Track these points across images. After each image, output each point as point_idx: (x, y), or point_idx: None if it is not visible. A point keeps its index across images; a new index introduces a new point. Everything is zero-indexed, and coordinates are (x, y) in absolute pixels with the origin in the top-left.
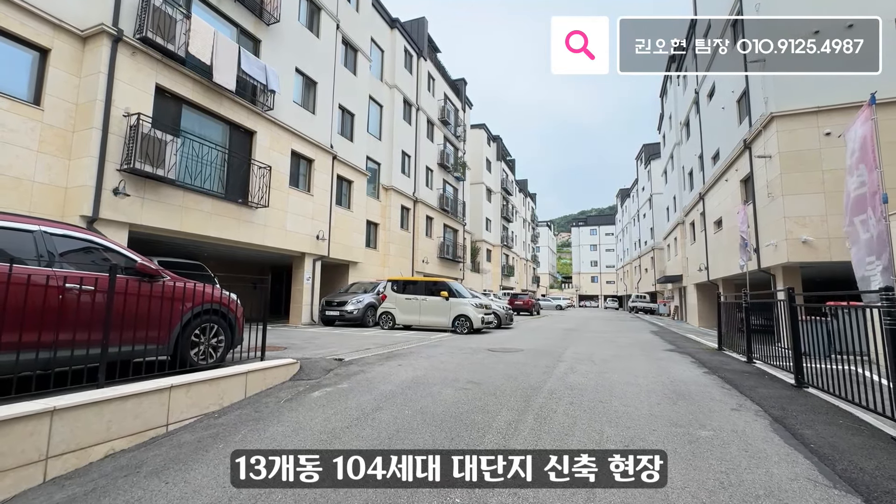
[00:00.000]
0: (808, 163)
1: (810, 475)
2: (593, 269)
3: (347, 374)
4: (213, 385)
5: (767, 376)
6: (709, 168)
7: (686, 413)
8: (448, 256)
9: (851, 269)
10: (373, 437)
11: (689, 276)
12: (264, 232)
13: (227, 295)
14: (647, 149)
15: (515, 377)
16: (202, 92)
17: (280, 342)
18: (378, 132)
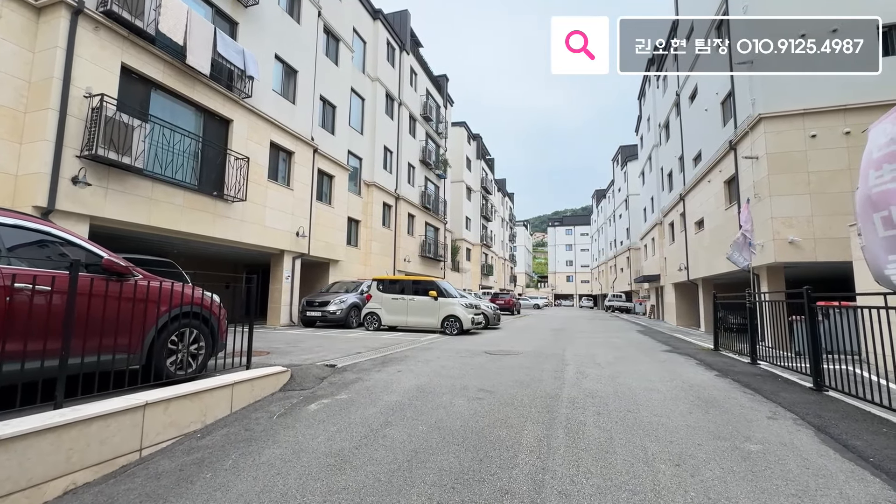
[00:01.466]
0: (795, 164)
1: (889, 497)
2: (568, 269)
3: (344, 383)
4: (194, 400)
5: (781, 379)
6: (689, 169)
7: (723, 423)
8: (430, 255)
9: (835, 269)
10: (388, 460)
11: (668, 275)
12: (241, 227)
13: (209, 296)
14: (623, 150)
15: (527, 384)
16: (174, 75)
17: (261, 346)
18: (360, 126)
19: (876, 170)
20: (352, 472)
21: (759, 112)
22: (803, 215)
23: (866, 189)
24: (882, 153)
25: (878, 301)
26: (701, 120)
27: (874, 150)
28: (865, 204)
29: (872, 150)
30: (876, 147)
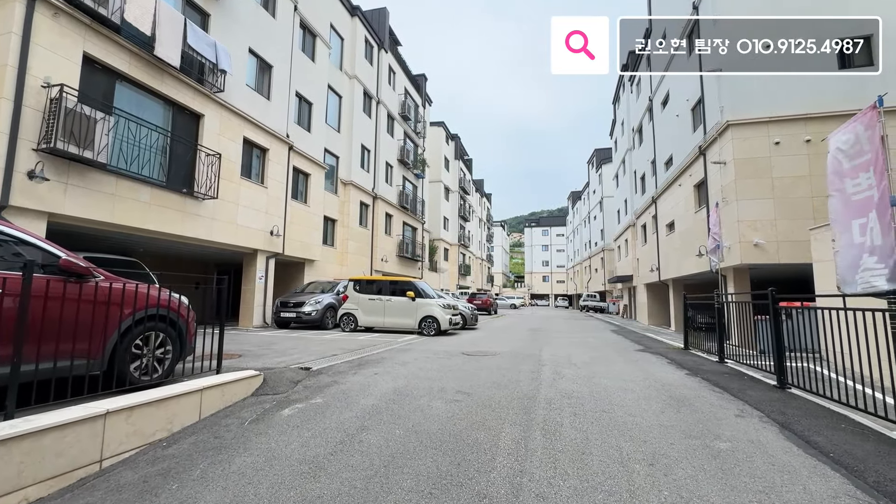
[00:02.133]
0: (760, 170)
1: (848, 491)
2: (545, 269)
3: (319, 387)
4: (160, 407)
5: (747, 377)
6: (661, 173)
7: (694, 422)
8: (407, 255)
9: (796, 270)
10: (365, 465)
11: (640, 276)
12: (212, 226)
13: (176, 298)
14: (598, 153)
15: (505, 385)
16: (141, 66)
17: (233, 348)
18: (337, 124)
19: (852, 178)
20: (326, 480)
21: (727, 119)
22: (767, 219)
23: (844, 196)
24: (856, 162)
25: (836, 302)
26: (672, 125)
27: (844, 159)
28: (843, 210)
29: (842, 159)
30: (846, 157)
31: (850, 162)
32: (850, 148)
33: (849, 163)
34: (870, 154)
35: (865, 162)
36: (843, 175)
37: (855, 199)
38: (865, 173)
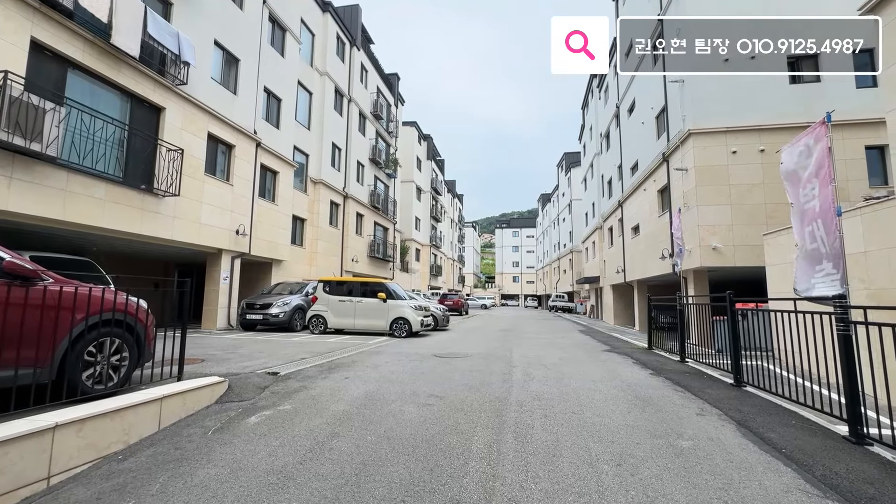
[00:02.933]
0: (719, 177)
1: (799, 485)
2: (515, 270)
3: (287, 392)
4: (115, 418)
5: (706, 376)
6: (627, 178)
7: (658, 421)
8: (378, 255)
9: (751, 273)
10: (335, 474)
11: (607, 277)
12: (173, 224)
13: (134, 301)
14: (567, 157)
15: (477, 387)
16: (96, 55)
17: (196, 352)
18: (307, 121)
19: (803, 188)
20: (295, 490)
21: (689, 128)
22: (725, 224)
23: (798, 205)
24: (806, 173)
25: (788, 305)
26: (638, 132)
27: (797, 170)
28: (798, 218)
29: (797, 169)
30: (799, 168)
31: (801, 172)
32: (801, 160)
33: (801, 173)
34: (816, 166)
35: (813, 173)
36: (796, 185)
37: (806, 208)
38: (812, 183)
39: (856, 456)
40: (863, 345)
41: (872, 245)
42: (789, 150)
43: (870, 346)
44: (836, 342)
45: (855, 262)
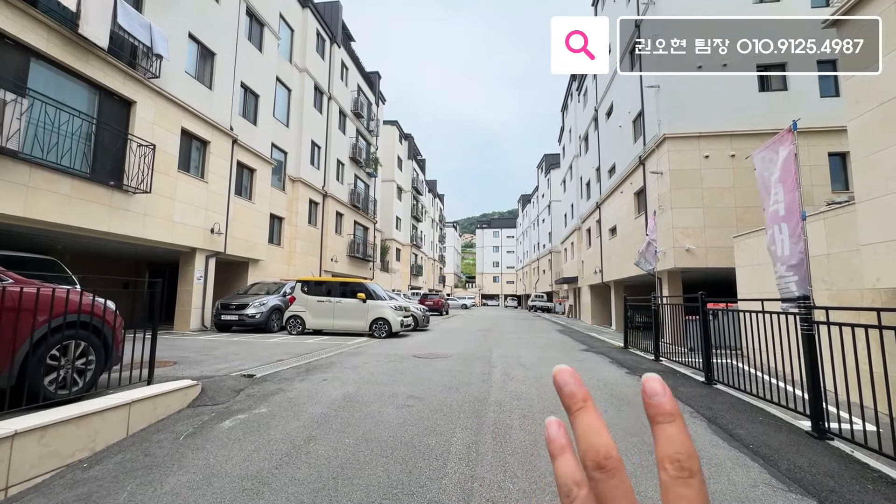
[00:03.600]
0: (692, 180)
1: (765, 479)
2: (495, 270)
3: (264, 395)
4: (80, 424)
5: (679, 374)
6: (605, 180)
7: (634, 419)
8: (359, 255)
9: (721, 274)
10: (312, 478)
11: (585, 277)
12: (144, 222)
13: (101, 302)
14: (547, 158)
15: (456, 388)
16: (62, 45)
17: (168, 355)
18: (286, 118)
19: (773, 193)
20: (271, 496)
21: (664, 132)
22: (697, 226)
23: (770, 209)
24: (774, 178)
25: (756, 305)
26: (616, 135)
27: (768, 174)
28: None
29: (767, 174)
30: (769, 172)
31: (771, 177)
32: (770, 165)
33: (769, 178)
34: (782, 171)
35: (778, 178)
36: (767, 189)
37: (771, 211)
38: (777, 188)
39: (818, 450)
40: (825, 344)
41: (834, 248)
42: (760, 155)
43: (831, 345)
44: (800, 341)
45: (819, 264)
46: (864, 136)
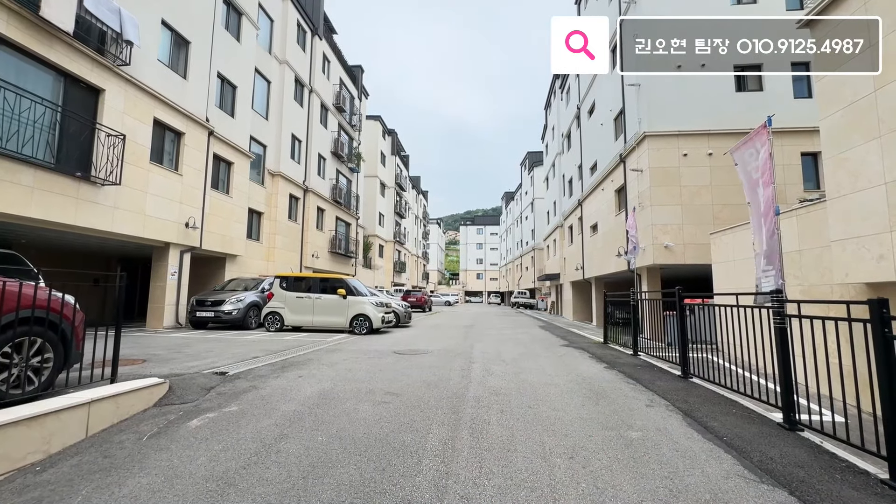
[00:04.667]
0: (671, 178)
1: (738, 471)
2: (479, 267)
3: (235, 393)
4: (32, 425)
5: (656, 368)
6: (587, 177)
7: (610, 413)
8: (340, 251)
9: (698, 270)
10: (281, 478)
11: (567, 274)
12: (114, 215)
13: (59, 297)
14: (530, 156)
15: (435, 384)
16: (23, 28)
17: (136, 353)
18: (265, 111)
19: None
20: (236, 497)
21: (644, 130)
22: (676, 223)
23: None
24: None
25: (731, 300)
26: (597, 133)
27: (752, 171)
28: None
29: (750, 171)
30: (752, 168)
31: (754, 174)
32: (752, 161)
33: (753, 175)
34: (762, 168)
35: (759, 175)
36: (751, 186)
37: (755, 208)
38: (760, 185)
39: (788, 441)
40: (796, 338)
41: (806, 244)
42: (740, 152)
43: (802, 339)
44: (772, 335)
45: (791, 260)
46: (834, 135)
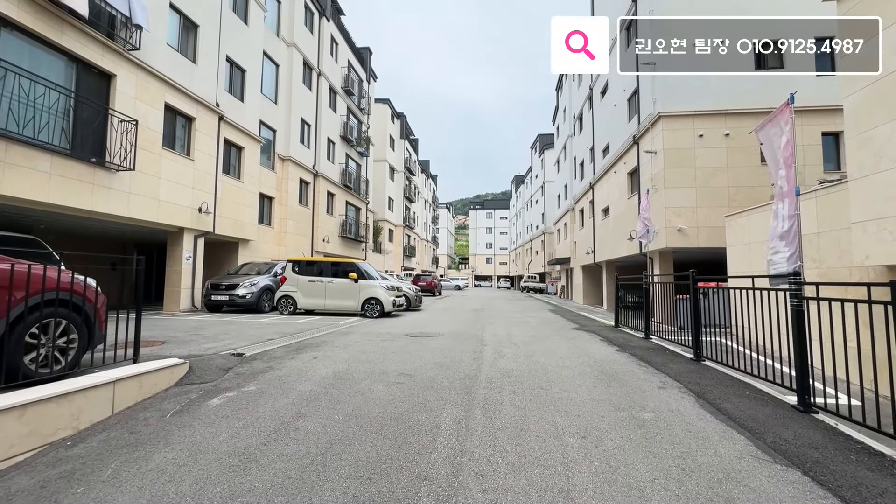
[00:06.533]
0: (685, 160)
1: (751, 452)
2: (488, 251)
3: (252, 373)
4: (62, 402)
5: (668, 352)
6: (599, 160)
7: (622, 395)
8: (350, 236)
9: (712, 254)
10: (300, 454)
11: (577, 258)
12: (129, 201)
13: (81, 280)
14: (541, 139)
15: (447, 366)
16: (34, 13)
17: (156, 335)
18: (274, 95)
19: (778, 169)
20: (258, 472)
21: (659, 110)
22: (690, 206)
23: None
24: (780, 154)
25: (746, 283)
26: (610, 114)
27: (776, 150)
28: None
29: (775, 150)
30: (776, 147)
31: (778, 153)
32: (777, 139)
33: (778, 154)
34: (785, 147)
35: (783, 153)
36: (776, 165)
37: (779, 188)
38: (785, 164)
39: (803, 423)
40: (813, 321)
41: (825, 226)
42: (765, 131)
43: (820, 321)
44: (789, 318)
45: (808, 242)
46: (858, 113)
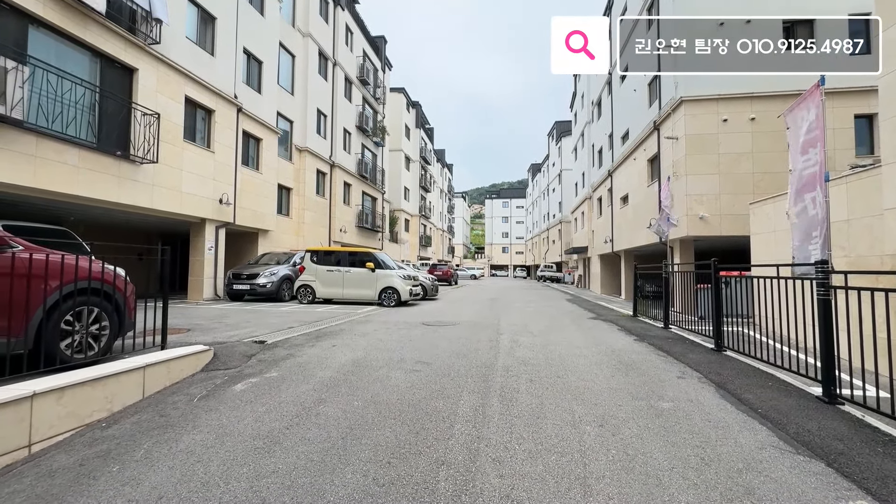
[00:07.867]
0: (708, 146)
1: (773, 442)
2: (504, 241)
3: (274, 360)
4: (96, 386)
5: (688, 342)
6: (618, 147)
7: (640, 384)
8: (367, 226)
9: (735, 242)
10: (322, 438)
11: (595, 247)
12: (153, 192)
13: (111, 269)
14: (558, 126)
15: (465, 354)
16: (59, 10)
17: (181, 323)
18: (290, 86)
19: (803, 154)
20: (282, 454)
21: (681, 95)
22: (712, 193)
23: (798, 172)
24: (805, 139)
25: (770, 272)
26: (630, 100)
27: (800, 135)
28: (797, 184)
29: (799, 134)
30: (801, 132)
31: (804, 137)
32: (803, 124)
33: (803, 138)
34: (817, 130)
35: (814, 138)
36: (798, 150)
37: (806, 174)
38: (814, 149)
39: (828, 415)
40: (840, 311)
41: (855, 213)
42: (793, 115)
43: (848, 311)
44: (815, 307)
45: (838, 230)
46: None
